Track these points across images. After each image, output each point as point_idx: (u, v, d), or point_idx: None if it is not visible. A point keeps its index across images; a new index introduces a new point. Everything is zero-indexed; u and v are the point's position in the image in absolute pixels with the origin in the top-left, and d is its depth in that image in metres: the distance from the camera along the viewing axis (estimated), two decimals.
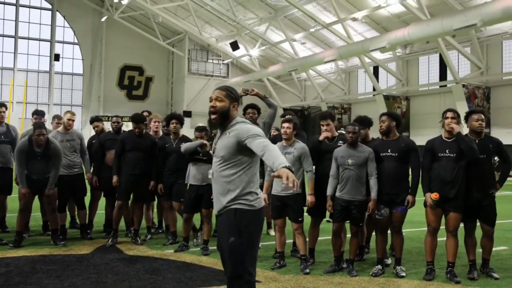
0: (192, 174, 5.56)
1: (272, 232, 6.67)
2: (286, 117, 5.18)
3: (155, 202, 6.78)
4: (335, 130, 5.25)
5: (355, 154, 4.78)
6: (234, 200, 2.82)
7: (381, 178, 4.68)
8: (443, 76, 23.14)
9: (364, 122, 5.15)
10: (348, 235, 5.08)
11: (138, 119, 5.98)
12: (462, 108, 18.94)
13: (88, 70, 32.14)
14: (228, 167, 2.86)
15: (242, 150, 2.83)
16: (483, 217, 4.55)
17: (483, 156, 4.51)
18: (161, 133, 6.42)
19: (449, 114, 4.55)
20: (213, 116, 2.92)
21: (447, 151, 4.49)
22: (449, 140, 4.55)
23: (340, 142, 5.05)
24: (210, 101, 2.95)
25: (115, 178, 5.89)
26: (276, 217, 4.96)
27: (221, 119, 2.92)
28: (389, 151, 4.69)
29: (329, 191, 4.88)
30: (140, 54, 32.93)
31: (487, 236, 4.60)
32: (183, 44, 32.12)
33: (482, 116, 4.59)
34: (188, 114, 31.40)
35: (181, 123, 6.04)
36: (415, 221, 7.40)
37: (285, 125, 4.99)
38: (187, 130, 16.28)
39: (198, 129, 5.65)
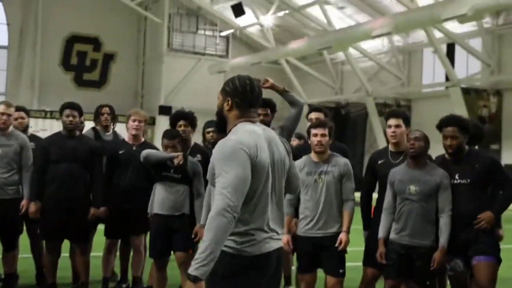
0: (159, 198, 5.56)
1: None
2: (317, 120, 5.22)
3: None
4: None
5: (422, 178, 4.78)
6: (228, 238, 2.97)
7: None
8: None
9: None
10: None
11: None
12: None
13: (17, 41, 32.33)
14: (214, 193, 3.03)
15: None
16: None
17: None
18: (142, 139, 6.49)
19: None
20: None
21: None
22: None
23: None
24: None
25: (32, 207, 5.95)
26: (305, 270, 5.01)
27: (218, 122, 3.25)
28: (456, 177, 4.73)
29: (381, 232, 4.93)
30: (96, 19, 33.10)
31: None
32: (160, 6, 32.28)
33: None
34: (166, 110, 31.41)
35: (192, 125, 6.04)
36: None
37: (317, 131, 5.03)
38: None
39: (168, 136, 5.65)
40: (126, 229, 6.29)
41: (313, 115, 5.75)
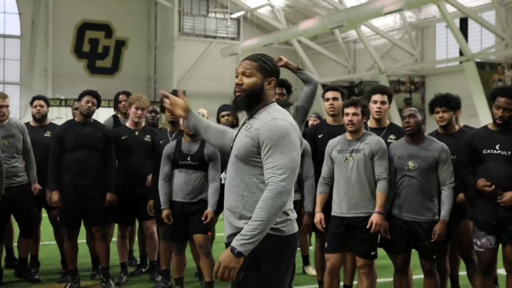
0: (177, 185, 5.59)
1: (311, 271, 6.73)
2: (350, 98, 5.22)
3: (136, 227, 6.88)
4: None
5: (420, 154, 4.82)
6: None
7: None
8: None
9: (450, 102, 5.13)
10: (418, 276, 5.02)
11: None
12: None
13: (29, 31, 32.47)
14: (247, 172, 3.01)
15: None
16: None
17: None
18: (143, 124, 6.53)
19: None
20: (237, 94, 3.16)
21: None
22: None
23: (391, 136, 5.13)
24: (237, 77, 3.17)
25: (55, 195, 6.01)
26: (332, 250, 4.99)
27: (248, 100, 3.12)
28: (497, 147, 4.64)
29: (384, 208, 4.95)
30: (107, 6, 33.14)
31: None
32: None
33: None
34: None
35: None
36: None
37: (349, 110, 5.02)
38: None
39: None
40: (136, 214, 6.33)
41: (330, 94, 5.73)
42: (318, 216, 5.05)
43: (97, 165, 6.09)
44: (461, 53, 24.19)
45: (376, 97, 5.37)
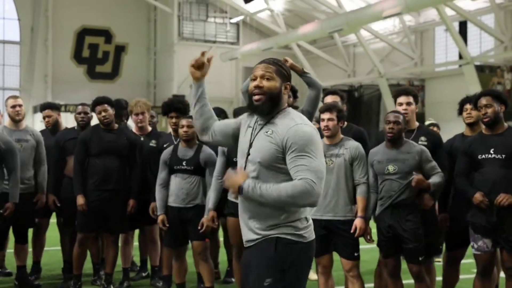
0: (173, 190, 5.60)
1: (313, 276, 6.73)
2: (325, 104, 5.26)
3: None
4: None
5: (399, 157, 4.89)
6: (277, 226, 2.97)
7: (481, 188, 4.74)
8: None
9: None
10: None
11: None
12: None
13: (28, 36, 32.52)
14: (270, 178, 3.02)
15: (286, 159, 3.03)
16: None
17: None
18: (149, 128, 6.55)
19: None
20: (257, 97, 3.10)
21: None
22: None
23: (422, 138, 5.14)
24: (253, 80, 3.13)
25: (81, 199, 5.96)
26: (318, 253, 5.01)
27: (270, 104, 3.10)
28: (491, 151, 4.67)
29: (367, 213, 5.03)
30: (106, 11, 33.19)
31: None
32: None
33: None
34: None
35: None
36: None
37: (324, 115, 5.08)
38: None
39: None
40: (139, 220, 6.33)
41: (329, 99, 5.74)
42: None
43: (121, 171, 6.09)
44: (460, 57, 24.22)
45: (401, 99, 5.36)
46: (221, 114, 6.53)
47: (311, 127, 3.03)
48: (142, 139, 6.40)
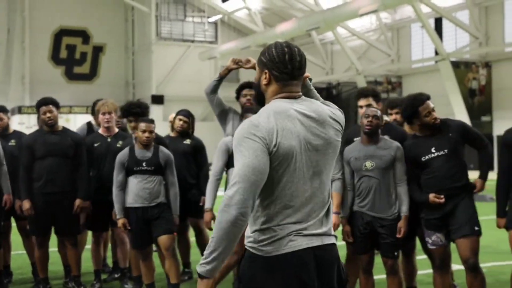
0: (134, 191, 5.59)
1: None
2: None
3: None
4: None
5: (376, 153, 4.90)
6: (249, 235, 2.72)
7: (431, 186, 4.79)
8: None
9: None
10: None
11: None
12: None
13: (5, 38, 32.17)
14: None
15: None
16: None
17: None
18: (116, 129, 6.49)
19: None
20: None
21: None
22: None
23: (386, 137, 5.12)
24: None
25: (26, 204, 5.95)
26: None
27: (260, 100, 2.85)
28: (433, 150, 4.80)
29: (343, 212, 5.05)
30: (83, 12, 32.98)
31: None
32: None
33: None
34: (159, 99, 31.40)
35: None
36: (503, 250, 7.36)
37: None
38: (158, 123, 16.03)
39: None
40: (109, 221, 6.29)
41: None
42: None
43: (67, 172, 6.06)
44: (436, 53, 24.41)
45: (361, 102, 5.40)
46: (189, 116, 6.53)
47: (245, 124, 2.66)
48: (109, 140, 6.35)
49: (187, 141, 6.50)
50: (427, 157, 4.79)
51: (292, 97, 2.76)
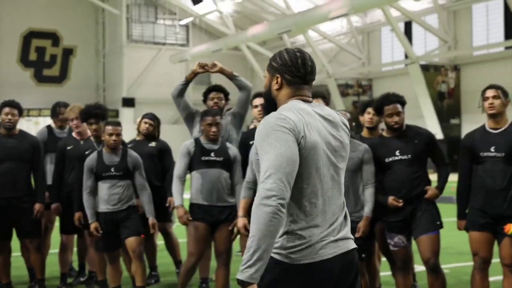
0: (103, 196, 5.56)
1: None
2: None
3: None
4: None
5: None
6: (276, 240, 2.56)
7: (392, 189, 4.84)
8: (510, 33, 23.38)
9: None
10: None
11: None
12: None
13: None
14: None
15: None
16: None
17: None
18: (89, 132, 6.46)
19: (489, 93, 4.67)
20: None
21: (492, 149, 4.60)
22: (496, 132, 4.64)
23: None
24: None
25: None
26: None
27: (269, 107, 2.79)
28: (397, 153, 4.85)
29: None
30: (53, 13, 32.68)
31: None
32: None
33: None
34: (129, 102, 31.24)
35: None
36: (464, 251, 7.46)
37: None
38: (129, 125, 15.95)
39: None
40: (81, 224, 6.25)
41: (258, 101, 5.72)
42: (242, 221, 4.98)
43: (25, 177, 6.01)
44: (406, 56, 24.68)
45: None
46: (154, 119, 6.52)
47: (272, 118, 2.60)
48: (82, 143, 6.31)
49: (153, 144, 6.48)
50: (390, 159, 4.83)
51: (306, 101, 2.75)
